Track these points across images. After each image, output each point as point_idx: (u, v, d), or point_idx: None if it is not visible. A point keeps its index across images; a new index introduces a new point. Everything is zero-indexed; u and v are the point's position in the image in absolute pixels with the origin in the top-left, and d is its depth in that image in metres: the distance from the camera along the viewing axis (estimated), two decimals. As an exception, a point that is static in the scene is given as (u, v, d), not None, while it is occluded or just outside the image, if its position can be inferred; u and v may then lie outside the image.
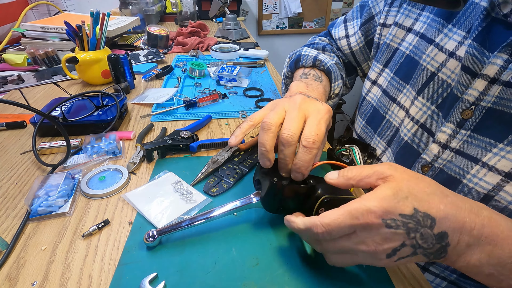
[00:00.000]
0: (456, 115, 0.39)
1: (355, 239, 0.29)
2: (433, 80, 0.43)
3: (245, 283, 0.34)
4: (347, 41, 0.64)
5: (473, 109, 0.38)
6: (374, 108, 0.55)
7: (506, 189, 0.35)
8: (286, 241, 0.39)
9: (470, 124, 0.39)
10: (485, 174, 0.37)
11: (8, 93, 0.85)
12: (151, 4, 1.54)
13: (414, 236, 0.28)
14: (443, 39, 0.43)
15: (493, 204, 0.36)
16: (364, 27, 0.60)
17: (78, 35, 0.81)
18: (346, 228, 0.29)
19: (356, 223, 0.28)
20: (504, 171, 0.35)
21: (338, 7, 2.63)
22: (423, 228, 0.28)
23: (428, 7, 0.47)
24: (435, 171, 0.43)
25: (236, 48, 1.12)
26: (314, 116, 0.38)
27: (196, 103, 0.73)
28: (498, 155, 0.36)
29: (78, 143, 0.58)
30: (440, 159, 0.42)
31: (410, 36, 0.49)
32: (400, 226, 0.27)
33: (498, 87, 0.36)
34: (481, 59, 0.37)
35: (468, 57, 0.38)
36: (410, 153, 0.46)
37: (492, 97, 0.36)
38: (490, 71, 0.36)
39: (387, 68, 0.52)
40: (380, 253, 0.29)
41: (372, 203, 0.28)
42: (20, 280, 0.35)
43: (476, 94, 0.37)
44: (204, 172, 0.50)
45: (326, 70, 0.57)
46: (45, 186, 0.46)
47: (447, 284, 0.44)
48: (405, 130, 0.47)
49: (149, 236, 0.37)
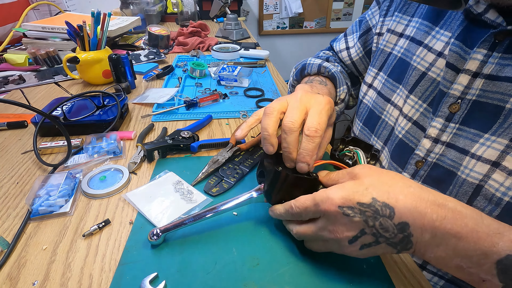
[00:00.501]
0: (444, 110, 0.41)
1: (320, 225, 0.33)
2: (424, 79, 0.45)
3: (246, 283, 0.34)
4: (347, 53, 0.67)
5: (459, 103, 0.40)
6: (370, 110, 0.57)
7: (494, 177, 0.36)
8: (286, 241, 0.39)
9: (458, 118, 0.40)
10: (474, 164, 0.38)
11: (9, 93, 0.85)
12: (152, 4, 1.54)
13: (373, 224, 0.30)
14: (431, 41, 0.46)
15: (484, 193, 0.37)
16: (362, 38, 0.63)
17: (79, 35, 0.81)
18: (311, 212, 0.33)
19: (318, 209, 0.32)
20: (491, 160, 0.36)
21: (339, 7, 2.63)
22: (381, 217, 0.29)
23: (417, 13, 0.50)
24: (429, 166, 0.44)
25: (236, 48, 1.12)
26: (315, 107, 0.39)
27: (197, 103, 0.73)
28: (485, 145, 0.37)
29: (79, 143, 0.58)
30: (433, 153, 0.43)
31: (401, 41, 0.51)
32: (357, 214, 0.30)
33: (481, 80, 0.38)
34: (463, 55, 0.40)
35: (451, 55, 0.41)
36: (404, 150, 0.47)
37: (476, 90, 0.38)
38: (472, 66, 0.38)
39: (381, 71, 0.55)
40: (342, 240, 0.32)
41: (332, 191, 0.31)
42: (21, 279, 0.35)
43: (461, 88, 0.40)
44: (205, 172, 0.50)
45: (331, 76, 0.58)
46: (46, 186, 0.46)
47: (444, 283, 0.44)
48: (399, 128, 0.48)
49: (153, 234, 0.37)
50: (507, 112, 0.36)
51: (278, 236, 0.40)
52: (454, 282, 0.44)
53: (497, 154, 0.36)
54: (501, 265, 0.27)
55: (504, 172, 0.35)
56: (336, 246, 0.33)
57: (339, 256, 0.37)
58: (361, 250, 0.32)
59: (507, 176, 0.35)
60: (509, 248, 0.27)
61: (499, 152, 0.36)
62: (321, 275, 0.35)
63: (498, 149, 0.36)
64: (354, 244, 0.31)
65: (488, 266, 0.28)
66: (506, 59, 0.36)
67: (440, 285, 0.45)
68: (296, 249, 0.38)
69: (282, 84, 0.91)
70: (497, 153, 0.36)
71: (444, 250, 0.29)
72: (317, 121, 0.37)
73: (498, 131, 0.36)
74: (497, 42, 0.36)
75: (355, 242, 0.31)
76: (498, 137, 0.36)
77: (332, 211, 0.31)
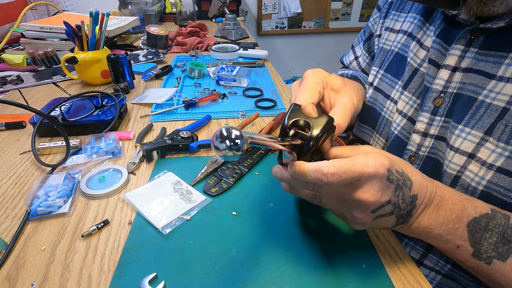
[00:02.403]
0: (429, 104, 0.43)
1: (357, 188, 0.30)
2: (416, 75, 0.47)
3: (245, 283, 0.34)
4: (357, 62, 0.68)
5: (442, 97, 0.42)
6: (371, 107, 0.57)
7: (470, 168, 0.38)
8: (286, 241, 0.39)
9: (443, 111, 0.42)
10: (453, 156, 0.40)
11: (7, 93, 0.84)
12: (150, 4, 1.54)
13: (398, 194, 0.31)
14: (422, 37, 0.47)
15: (461, 183, 0.39)
16: (366, 44, 0.65)
17: (78, 35, 0.81)
18: (356, 174, 0.29)
19: (366, 171, 0.29)
20: (467, 151, 0.39)
21: (338, 7, 2.63)
22: (405, 187, 0.32)
23: (413, 9, 0.51)
24: (421, 159, 0.45)
25: (235, 48, 1.12)
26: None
27: (196, 103, 0.73)
28: (460, 136, 0.39)
29: (78, 143, 0.58)
30: (423, 147, 0.45)
31: (399, 36, 0.53)
32: (394, 181, 0.31)
33: (460, 74, 0.40)
34: (443, 52, 0.43)
35: (433, 52, 0.43)
36: (400, 146, 0.49)
37: (456, 83, 0.41)
38: (451, 61, 0.41)
39: (381, 69, 0.55)
40: (369, 204, 0.31)
41: (379, 156, 0.30)
42: (19, 280, 0.35)
43: (442, 82, 0.42)
44: (204, 172, 0.50)
45: (352, 77, 0.61)
46: (45, 186, 0.46)
47: (441, 278, 0.45)
48: (395, 124, 0.49)
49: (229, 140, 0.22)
50: (479, 104, 0.38)
51: (278, 236, 0.40)
52: (450, 277, 0.44)
53: (473, 146, 0.38)
54: (470, 227, 0.33)
55: (478, 163, 0.38)
56: (357, 209, 0.32)
57: (339, 256, 0.37)
58: (374, 220, 0.33)
59: (481, 166, 0.37)
60: (475, 212, 0.33)
61: (475, 145, 0.38)
62: (320, 275, 0.35)
63: (474, 141, 0.38)
64: (375, 212, 0.32)
65: (461, 231, 0.33)
66: (481, 55, 0.38)
67: (437, 280, 0.45)
68: (296, 249, 0.38)
69: (281, 84, 0.91)
70: (473, 145, 0.38)
71: (428, 219, 0.34)
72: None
73: (471, 122, 0.38)
74: (473, 38, 0.39)
75: (377, 210, 0.32)
76: (472, 128, 0.38)
77: (382, 173, 0.29)
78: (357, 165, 0.29)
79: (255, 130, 0.65)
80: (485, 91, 0.37)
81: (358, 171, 0.29)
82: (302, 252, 0.38)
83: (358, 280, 0.35)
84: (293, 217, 0.43)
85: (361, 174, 0.29)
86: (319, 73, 0.40)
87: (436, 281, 0.46)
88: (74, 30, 0.80)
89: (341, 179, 0.29)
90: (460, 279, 0.43)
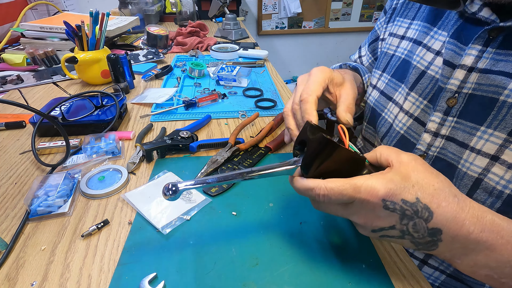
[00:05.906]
0: (442, 104, 0.43)
1: (351, 209, 0.31)
2: (424, 77, 0.47)
3: (245, 283, 0.34)
4: (360, 60, 0.71)
5: (456, 97, 0.41)
6: (372, 108, 0.58)
7: (494, 170, 0.37)
8: (286, 241, 0.39)
9: (456, 111, 0.42)
10: (474, 158, 0.39)
11: (7, 93, 0.84)
12: (150, 4, 1.54)
13: (407, 223, 0.29)
14: (430, 41, 0.47)
15: (484, 186, 0.38)
16: (371, 46, 0.67)
17: (78, 35, 0.81)
18: (346, 197, 0.30)
19: (357, 196, 0.29)
20: (490, 153, 0.38)
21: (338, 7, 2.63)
22: (418, 218, 0.29)
23: (418, 16, 0.52)
24: (430, 159, 0.45)
25: (235, 48, 1.12)
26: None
27: (196, 103, 0.73)
28: (482, 138, 0.38)
29: (78, 143, 0.58)
30: (433, 147, 0.44)
31: (404, 43, 0.53)
32: (397, 210, 0.29)
33: (476, 74, 0.39)
34: (458, 52, 0.42)
35: (448, 52, 0.42)
36: (406, 145, 0.48)
37: (472, 84, 0.40)
38: (467, 61, 0.40)
39: (385, 72, 0.56)
40: (368, 226, 0.31)
41: (379, 182, 0.29)
42: (19, 280, 0.35)
43: (457, 82, 0.41)
44: (204, 172, 0.50)
45: (353, 68, 0.63)
46: (45, 186, 0.46)
47: (445, 278, 0.45)
48: (400, 124, 0.50)
49: (168, 189, 0.33)
50: (501, 104, 0.37)
51: (278, 236, 0.40)
52: (455, 277, 0.44)
53: (495, 148, 0.37)
54: None
55: (503, 165, 0.36)
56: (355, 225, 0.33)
57: (339, 256, 0.37)
58: (379, 238, 0.32)
59: (507, 169, 0.36)
60: None
61: (498, 146, 0.37)
62: (320, 275, 0.35)
63: (497, 143, 0.37)
64: (377, 232, 0.31)
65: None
66: (500, 54, 0.37)
67: (441, 279, 0.45)
68: (296, 249, 0.38)
69: (281, 83, 0.91)
70: (496, 147, 0.37)
71: (474, 260, 0.30)
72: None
73: (494, 123, 0.37)
74: (491, 38, 0.38)
75: (379, 232, 0.31)
76: (494, 130, 0.37)
77: (374, 202, 0.29)
78: (348, 190, 0.29)
79: (255, 130, 0.65)
80: (506, 91, 0.36)
81: (349, 195, 0.29)
82: (302, 252, 0.38)
83: (358, 280, 0.35)
84: (293, 217, 0.43)
85: (351, 198, 0.30)
86: (325, 70, 0.46)
87: (440, 280, 0.46)
88: (74, 30, 0.80)
89: (331, 200, 0.30)
90: (465, 278, 0.43)
